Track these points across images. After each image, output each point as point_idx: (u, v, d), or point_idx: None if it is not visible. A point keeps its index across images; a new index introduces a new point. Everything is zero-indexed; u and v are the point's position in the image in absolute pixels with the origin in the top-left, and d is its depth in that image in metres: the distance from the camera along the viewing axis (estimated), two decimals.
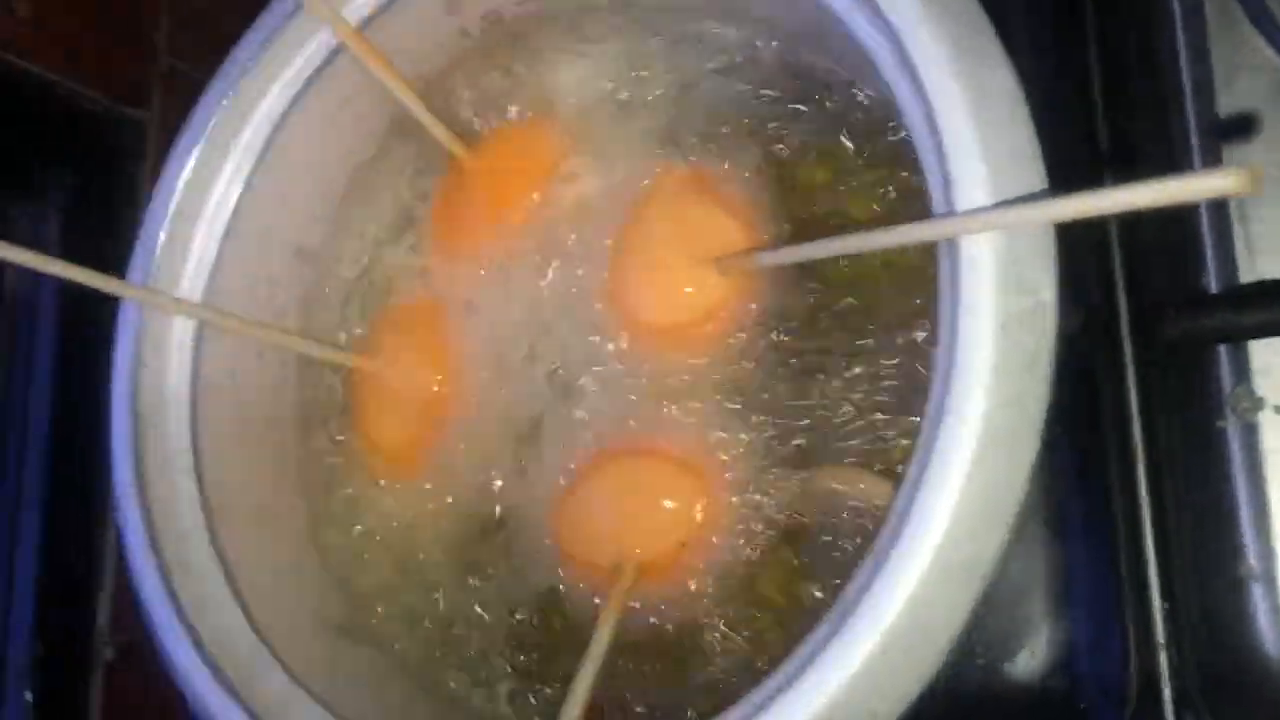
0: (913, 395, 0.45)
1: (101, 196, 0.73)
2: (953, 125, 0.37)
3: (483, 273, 0.55)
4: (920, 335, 0.45)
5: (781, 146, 0.50)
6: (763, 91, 0.50)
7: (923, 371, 0.45)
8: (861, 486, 0.46)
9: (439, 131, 0.54)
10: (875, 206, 0.47)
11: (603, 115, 0.54)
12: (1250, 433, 0.52)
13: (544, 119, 0.55)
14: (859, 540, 0.45)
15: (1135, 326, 0.52)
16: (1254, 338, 0.50)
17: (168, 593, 0.47)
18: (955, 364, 0.35)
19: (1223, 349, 0.53)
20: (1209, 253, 0.53)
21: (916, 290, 0.45)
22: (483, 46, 0.55)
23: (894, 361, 0.46)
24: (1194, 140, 0.54)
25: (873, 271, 0.47)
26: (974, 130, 0.37)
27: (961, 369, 0.35)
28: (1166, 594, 0.51)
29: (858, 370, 0.47)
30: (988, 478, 0.35)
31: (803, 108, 0.49)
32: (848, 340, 0.47)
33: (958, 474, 0.35)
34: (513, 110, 0.56)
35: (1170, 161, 0.53)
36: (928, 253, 0.45)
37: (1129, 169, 0.55)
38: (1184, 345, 0.51)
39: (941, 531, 0.35)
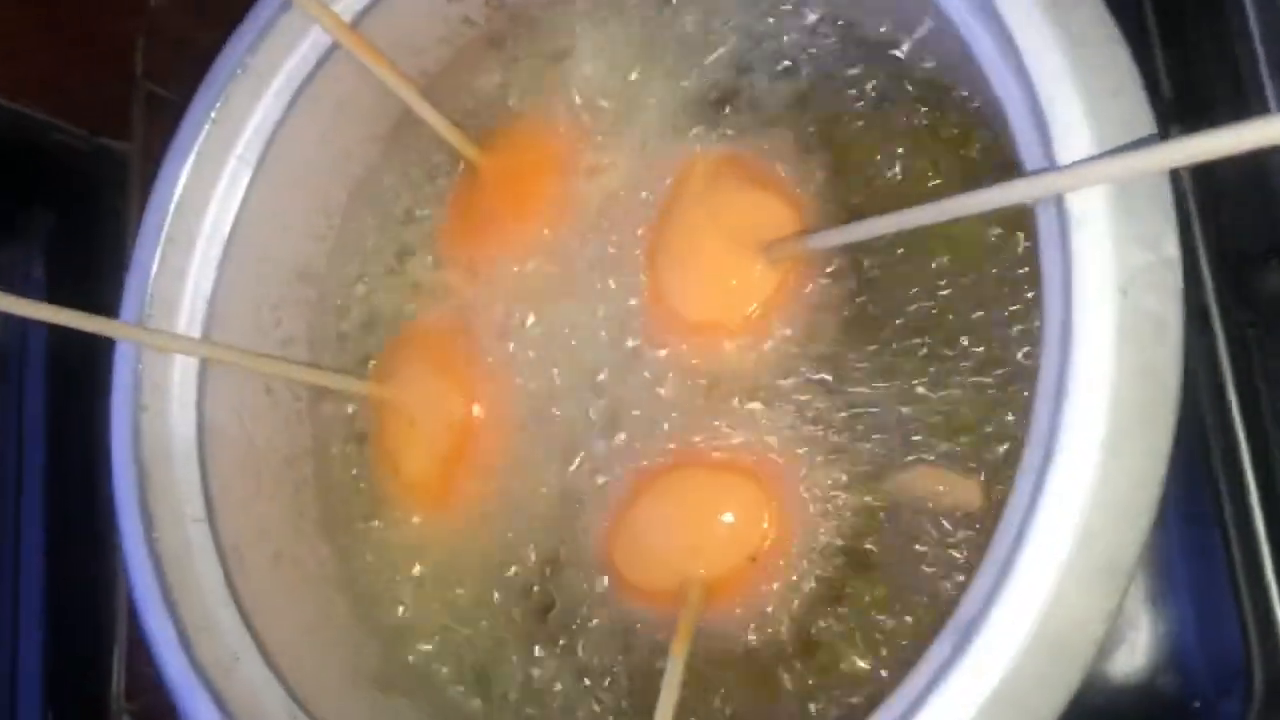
0: (1006, 383, 0.40)
1: (86, 234, 0.68)
2: (1046, 69, 0.33)
3: (505, 283, 0.50)
4: (1013, 316, 0.41)
5: (829, 117, 0.45)
6: (803, 57, 0.46)
7: (1017, 356, 0.40)
8: (945, 489, 0.42)
9: (446, 131, 0.49)
10: (942, 177, 0.43)
11: (625, 99, 0.49)
12: None
13: (560, 109, 0.50)
14: (952, 546, 0.40)
15: (1220, 283, 0.48)
16: None
17: (186, 653, 0.42)
18: (1074, 337, 0.31)
19: None
20: None
21: (1004, 264, 0.41)
22: (488, 35, 0.51)
23: (980, 348, 0.41)
24: (1266, 79, 0.49)
25: (946, 246, 0.42)
26: (1071, 73, 0.32)
27: (1082, 342, 0.31)
28: None
29: (936, 360, 0.42)
30: (1123, 464, 0.30)
31: (851, 72, 0.45)
32: (923, 327, 0.42)
33: (1088, 463, 0.30)
34: (526, 103, 0.51)
35: (1243, 104, 0.49)
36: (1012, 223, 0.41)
37: (1197, 115, 0.50)
38: None
39: (1074, 532, 0.30)
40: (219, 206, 0.48)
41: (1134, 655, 0.50)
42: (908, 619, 0.40)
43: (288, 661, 0.44)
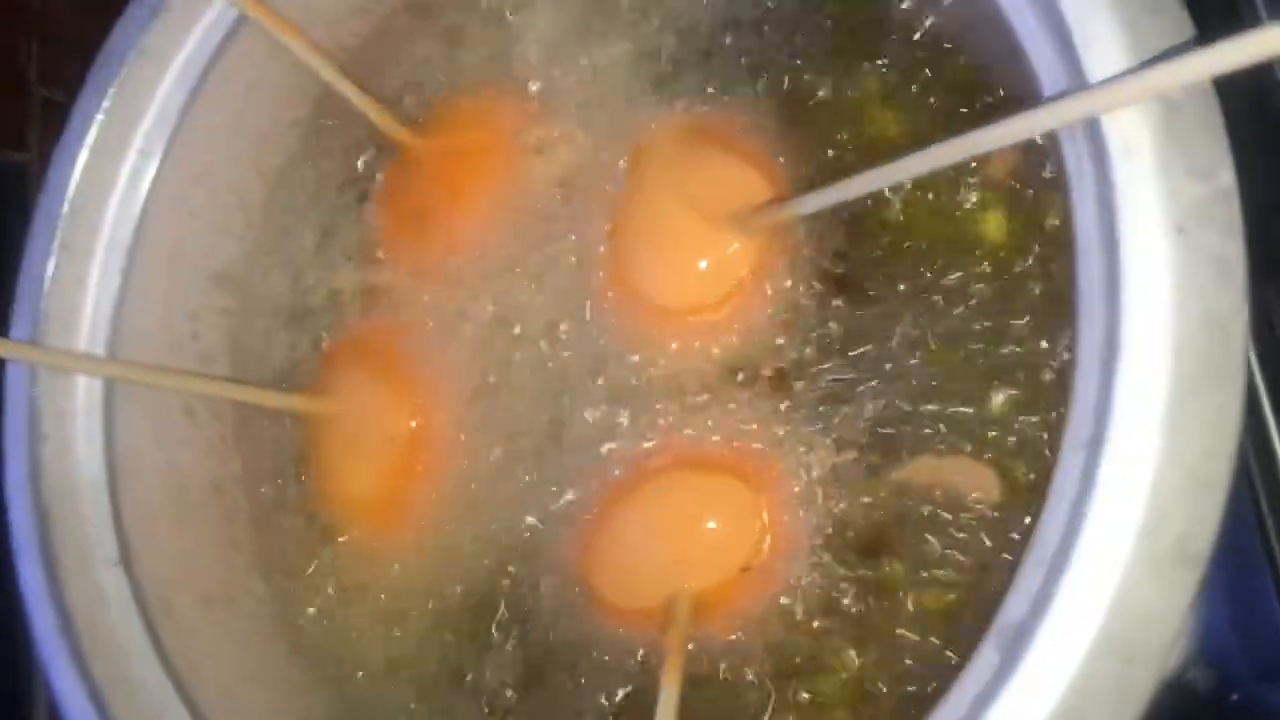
0: (1019, 359, 0.36)
1: None
2: None
3: (449, 278, 0.45)
4: (1029, 278, 0.36)
5: (799, 69, 0.41)
6: (767, 5, 0.41)
7: (1030, 326, 0.36)
8: (957, 478, 0.37)
9: (373, 112, 0.44)
10: (932, 122, 0.38)
11: (571, 67, 0.44)
12: None
13: (500, 82, 0.45)
14: (975, 541, 0.36)
15: None
16: None
17: (101, 717, 0.37)
18: (1123, 287, 0.26)
19: None
20: None
21: (1010, 217, 0.36)
22: (415, 2, 0.46)
23: (987, 322, 0.37)
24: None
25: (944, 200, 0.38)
26: None
27: (1134, 292, 0.26)
28: None
29: (939, 338, 0.37)
30: (1191, 431, 0.26)
31: (825, 22, 0.40)
32: (921, 302, 0.38)
33: (1150, 432, 0.26)
34: (461, 75, 0.46)
35: (1234, 13, 0.45)
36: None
37: None
38: None
39: (1138, 515, 0.26)
40: (120, 207, 0.42)
41: None
42: (933, 626, 0.36)
43: (225, 718, 0.39)
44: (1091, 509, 0.26)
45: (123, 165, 0.42)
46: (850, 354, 0.39)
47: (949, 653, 0.34)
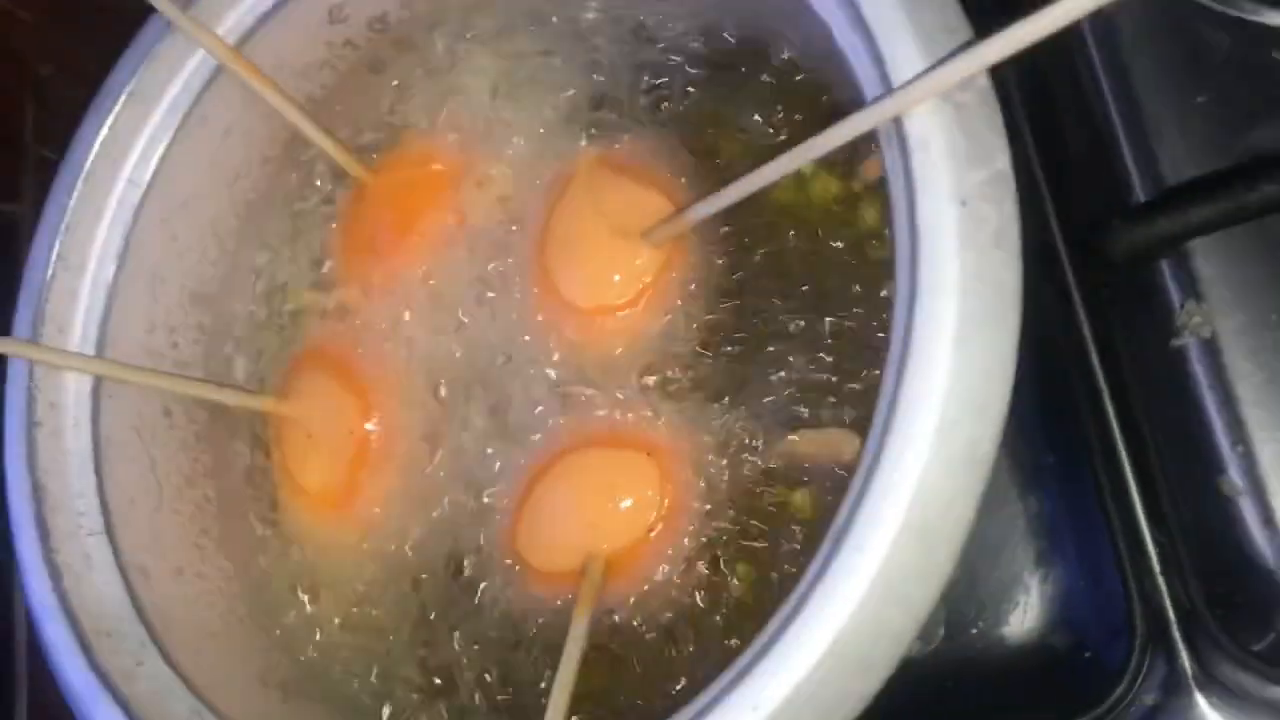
0: (867, 341, 0.43)
1: None
2: (878, 13, 0.35)
3: (398, 296, 0.52)
4: (869, 276, 0.43)
5: (697, 113, 0.48)
6: (670, 63, 0.49)
7: (880, 313, 0.43)
8: (825, 444, 0.44)
9: (334, 151, 0.51)
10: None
11: (507, 111, 0.51)
12: (1208, 347, 0.51)
13: (446, 125, 0.53)
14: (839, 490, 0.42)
15: (1072, 252, 0.51)
16: (1204, 233, 0.48)
17: (88, 660, 0.42)
18: (920, 250, 0.33)
19: (1166, 266, 0.52)
20: (1131, 165, 0.52)
21: (851, 233, 0.44)
22: (371, 58, 0.53)
23: (843, 312, 0.44)
24: None
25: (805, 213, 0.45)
26: (902, 12, 0.35)
27: (928, 252, 0.33)
28: (1155, 521, 0.49)
29: (809, 326, 0.44)
30: (973, 358, 0.33)
31: (714, 73, 0.48)
32: (790, 297, 0.45)
33: (940, 357, 0.33)
34: (411, 121, 0.53)
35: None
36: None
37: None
38: (1131, 260, 0.50)
39: (933, 424, 0.32)
40: (109, 228, 0.48)
41: (1027, 616, 0.52)
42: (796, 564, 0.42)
43: (194, 665, 0.44)
44: (897, 421, 0.33)
45: (113, 193, 0.49)
46: (737, 346, 0.46)
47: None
